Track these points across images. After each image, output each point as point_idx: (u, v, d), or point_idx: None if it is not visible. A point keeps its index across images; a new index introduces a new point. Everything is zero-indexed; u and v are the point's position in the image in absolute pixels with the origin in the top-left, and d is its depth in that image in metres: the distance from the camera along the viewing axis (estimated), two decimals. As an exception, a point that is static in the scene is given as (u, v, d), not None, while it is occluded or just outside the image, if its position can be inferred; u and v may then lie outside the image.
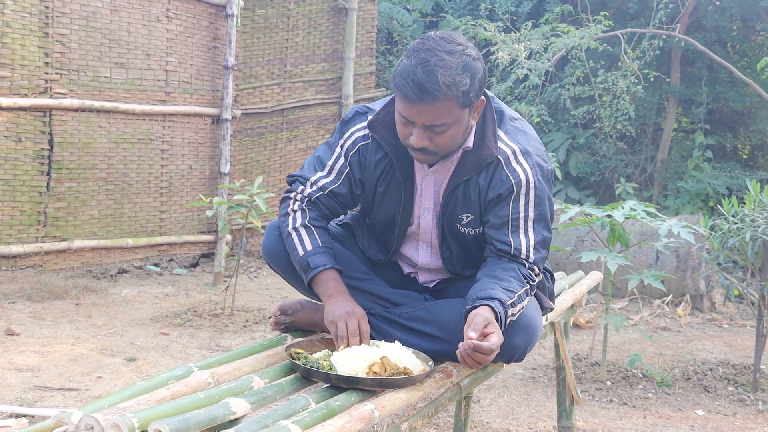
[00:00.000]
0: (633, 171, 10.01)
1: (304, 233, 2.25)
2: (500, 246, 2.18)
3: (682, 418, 3.80)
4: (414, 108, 2.03)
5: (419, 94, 1.99)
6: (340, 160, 2.29)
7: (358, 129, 2.29)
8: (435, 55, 2.01)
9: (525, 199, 2.17)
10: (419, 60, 2.01)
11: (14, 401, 3.47)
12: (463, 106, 2.05)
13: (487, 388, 4.09)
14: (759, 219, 4.12)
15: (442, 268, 2.38)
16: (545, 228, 2.22)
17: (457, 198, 2.21)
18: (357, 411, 1.72)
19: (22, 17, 5.67)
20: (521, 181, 2.16)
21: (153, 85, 6.52)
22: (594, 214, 4.22)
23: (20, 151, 5.75)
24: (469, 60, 2.04)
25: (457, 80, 2.00)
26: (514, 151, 2.18)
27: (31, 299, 5.43)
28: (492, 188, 2.17)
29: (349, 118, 2.33)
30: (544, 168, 2.20)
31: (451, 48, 2.03)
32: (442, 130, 2.06)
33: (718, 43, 10.18)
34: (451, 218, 2.24)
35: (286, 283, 2.45)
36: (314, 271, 2.20)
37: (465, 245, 2.29)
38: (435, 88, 1.98)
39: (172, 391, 1.71)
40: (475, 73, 2.05)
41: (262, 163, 7.75)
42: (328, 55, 8.14)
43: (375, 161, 2.26)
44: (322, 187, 2.29)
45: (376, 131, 2.24)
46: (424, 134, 2.07)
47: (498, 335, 1.95)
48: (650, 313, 6.04)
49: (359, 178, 2.29)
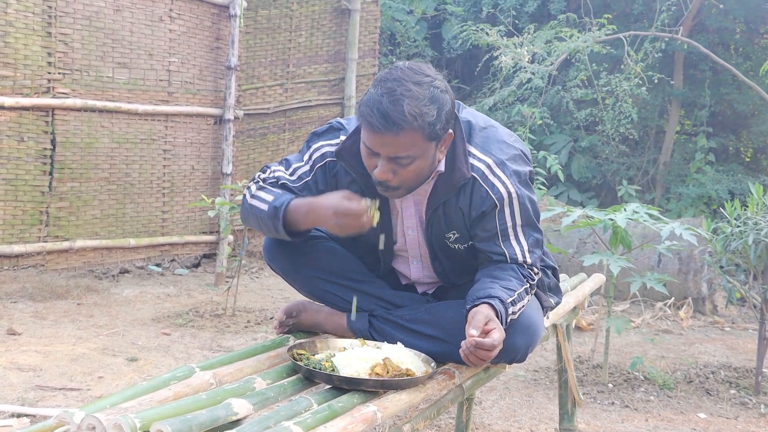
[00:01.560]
0: (635, 174, 10.01)
1: (262, 193, 2.17)
2: (496, 257, 2.17)
3: (684, 421, 3.80)
4: (379, 138, 1.98)
5: (384, 123, 1.95)
6: (305, 167, 2.24)
7: (328, 144, 2.24)
8: (402, 85, 1.96)
9: (510, 209, 2.15)
10: (386, 89, 1.97)
11: (16, 401, 3.47)
12: (429, 138, 2.00)
13: (489, 390, 4.09)
14: (762, 222, 4.11)
15: (437, 279, 2.38)
16: (534, 230, 2.21)
17: (440, 217, 2.19)
18: (359, 412, 1.71)
19: (25, 17, 5.68)
20: (502, 195, 2.13)
21: (156, 86, 6.53)
22: (596, 216, 4.22)
23: (23, 150, 5.76)
24: (436, 92, 2.00)
25: (423, 111, 1.96)
26: (488, 164, 2.14)
27: (33, 299, 5.43)
28: (474, 207, 2.14)
29: (322, 132, 2.28)
30: (521, 173, 2.16)
31: (419, 79, 1.99)
32: (407, 163, 2.02)
33: (722, 46, 10.18)
34: (439, 236, 2.22)
35: (287, 284, 2.45)
36: (283, 208, 2.09)
37: (457, 258, 2.28)
38: (401, 118, 1.94)
39: (174, 392, 1.70)
40: (442, 105, 2.00)
41: (264, 163, 7.73)
42: (331, 56, 8.15)
43: (346, 182, 2.22)
44: (277, 178, 2.23)
45: (344, 160, 2.18)
46: (389, 166, 2.02)
47: (499, 331, 1.94)
48: (652, 316, 6.03)
49: (322, 190, 2.23)
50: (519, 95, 9.10)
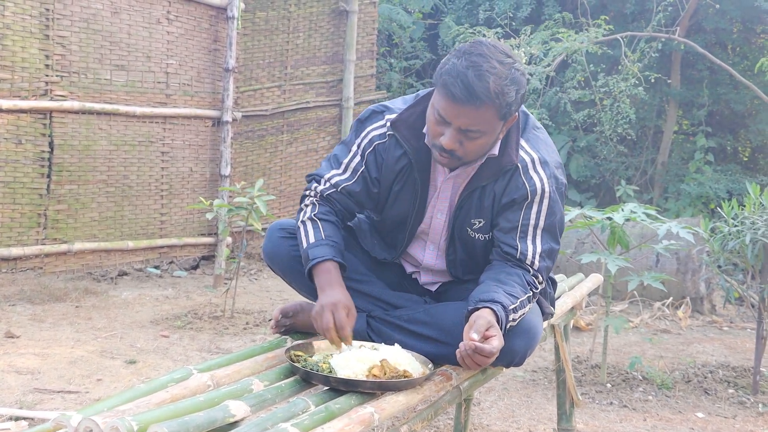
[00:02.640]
0: (633, 174, 10.01)
1: (310, 226, 2.23)
2: (507, 249, 2.18)
3: (682, 420, 3.80)
4: (456, 108, 2.02)
5: (467, 95, 1.98)
6: (356, 159, 2.28)
7: (374, 128, 2.28)
8: (487, 61, 2.00)
9: (538, 207, 2.17)
10: (471, 62, 2.00)
11: (14, 404, 3.47)
12: (502, 117, 2.05)
13: (487, 391, 4.09)
14: (759, 222, 4.11)
15: (445, 270, 2.38)
16: (553, 239, 2.22)
17: (471, 202, 2.21)
18: (356, 414, 1.72)
19: (22, 19, 5.68)
20: (536, 189, 2.16)
21: (153, 88, 6.53)
22: (594, 216, 4.22)
23: (20, 153, 5.75)
24: (517, 74, 2.04)
25: (505, 90, 2.00)
26: (533, 159, 2.18)
27: (31, 301, 5.43)
28: (507, 194, 2.17)
29: (365, 117, 2.32)
30: (559, 180, 2.20)
31: (503, 58, 2.03)
32: (476, 137, 2.06)
33: (719, 46, 10.19)
34: (463, 222, 2.24)
35: (286, 286, 2.46)
36: (311, 263, 2.17)
37: (471, 250, 2.29)
38: (484, 93, 1.98)
39: (171, 394, 1.71)
40: (520, 87, 2.05)
41: (263, 165, 7.75)
42: (329, 58, 8.15)
43: (394, 159, 2.25)
44: (335, 184, 2.28)
45: (399, 131, 2.22)
46: (457, 137, 2.06)
47: (499, 339, 1.95)
48: (650, 316, 6.04)
49: (375, 177, 2.28)
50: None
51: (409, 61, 10.96)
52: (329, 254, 2.18)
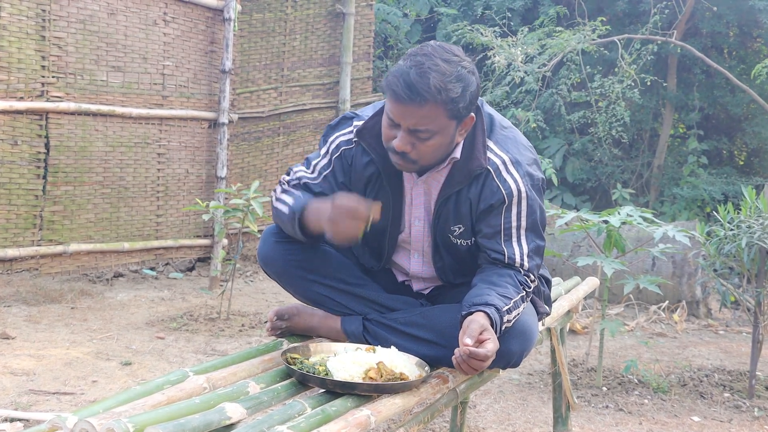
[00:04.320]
0: (629, 177, 10.02)
1: (285, 196, 2.24)
2: (494, 255, 2.18)
3: (678, 424, 3.80)
4: (401, 108, 2.03)
5: (409, 93, 1.99)
6: (323, 161, 2.30)
7: (342, 134, 2.29)
8: (431, 60, 2.02)
9: (517, 209, 2.17)
10: (414, 62, 2.02)
11: (9, 405, 3.46)
12: (451, 116, 2.04)
13: (483, 394, 4.09)
14: (755, 225, 4.12)
15: (435, 276, 2.38)
16: (538, 236, 2.22)
17: (449, 209, 2.21)
18: (353, 416, 1.71)
19: (18, 20, 5.67)
20: (512, 192, 2.15)
21: (150, 89, 6.52)
22: (590, 219, 4.22)
23: (16, 154, 5.74)
24: (463, 72, 2.04)
25: (448, 87, 2.00)
26: (504, 161, 2.17)
27: (27, 303, 5.42)
28: (483, 199, 2.16)
29: (335, 124, 2.33)
30: (534, 177, 2.19)
31: (448, 57, 2.04)
32: (426, 137, 2.05)
33: (715, 49, 10.21)
34: (444, 229, 2.23)
35: (281, 288, 2.45)
36: (298, 213, 2.14)
37: (458, 255, 2.28)
38: (425, 90, 1.99)
39: (167, 396, 1.70)
40: (467, 85, 2.04)
41: (259, 167, 7.74)
42: (326, 60, 8.15)
43: (362, 165, 2.25)
44: (299, 178, 2.30)
45: (363, 139, 2.23)
46: (408, 139, 2.06)
47: (494, 342, 1.95)
48: (646, 319, 6.04)
49: (342, 181, 2.27)
50: (513, 98, 9.10)
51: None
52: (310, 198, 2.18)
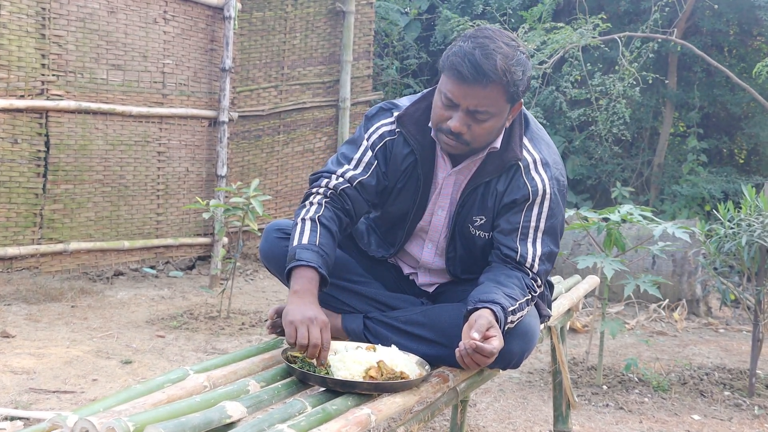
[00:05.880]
0: (630, 175, 10.02)
1: (308, 226, 2.13)
2: (506, 251, 2.18)
3: (678, 422, 3.80)
4: (464, 89, 2.03)
5: (474, 74, 2.00)
6: (368, 153, 2.25)
7: (384, 124, 2.28)
8: (494, 42, 2.04)
9: (539, 209, 2.18)
10: (478, 44, 2.03)
11: (9, 404, 3.46)
12: (509, 99, 2.07)
13: (484, 392, 4.09)
14: (755, 224, 4.12)
15: (443, 269, 2.37)
16: (553, 242, 2.22)
17: (475, 199, 2.22)
18: (353, 415, 1.71)
19: (18, 18, 5.67)
20: (538, 191, 2.16)
21: (150, 87, 6.52)
22: (590, 217, 4.22)
23: (16, 152, 5.74)
24: (522, 57, 2.08)
25: (512, 69, 2.03)
26: (535, 159, 2.19)
27: (27, 301, 5.41)
28: (508, 193, 2.18)
29: (373, 114, 2.31)
30: (560, 182, 2.21)
31: (508, 41, 2.07)
32: (484, 119, 2.07)
33: (715, 48, 10.21)
34: (465, 219, 2.24)
35: (282, 286, 2.46)
36: (296, 263, 2.05)
37: (472, 248, 2.28)
38: (492, 71, 2.00)
39: (167, 395, 1.70)
40: (526, 69, 2.08)
41: (259, 165, 7.74)
42: (326, 58, 8.14)
43: (401, 157, 2.25)
44: (350, 179, 2.22)
45: (404, 126, 2.23)
46: (465, 119, 2.07)
47: (499, 339, 1.95)
48: (647, 318, 6.04)
49: (384, 172, 2.27)
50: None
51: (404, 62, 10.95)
52: (316, 263, 2.05)
